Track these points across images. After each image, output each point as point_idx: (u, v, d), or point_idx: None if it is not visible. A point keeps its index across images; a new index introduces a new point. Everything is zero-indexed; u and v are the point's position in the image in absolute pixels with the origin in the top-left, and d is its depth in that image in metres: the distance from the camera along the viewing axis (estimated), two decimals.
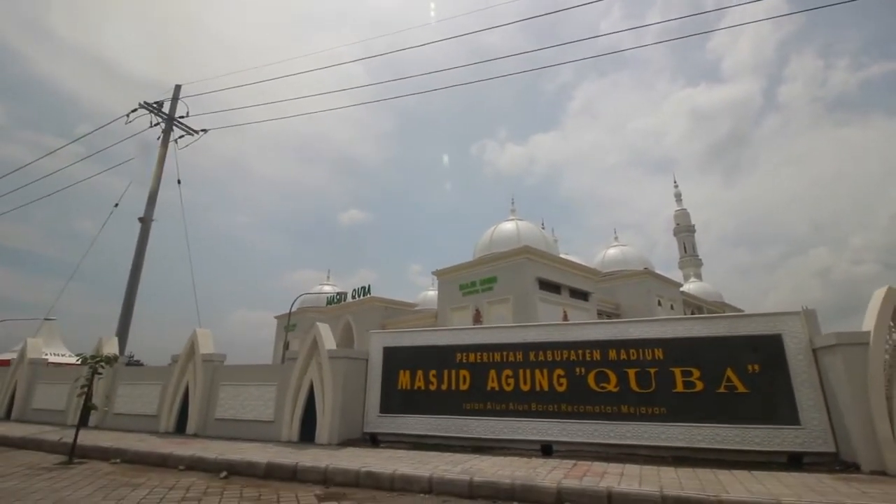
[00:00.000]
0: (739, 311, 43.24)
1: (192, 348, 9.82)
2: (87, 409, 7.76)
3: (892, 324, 5.29)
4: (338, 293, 34.73)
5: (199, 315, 13.82)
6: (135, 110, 13.76)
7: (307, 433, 7.90)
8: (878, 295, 5.41)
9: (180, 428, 9.27)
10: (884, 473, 4.82)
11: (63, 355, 23.72)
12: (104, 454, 7.17)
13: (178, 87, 14.61)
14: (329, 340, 8.32)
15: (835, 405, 5.50)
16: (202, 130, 14.56)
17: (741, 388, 5.97)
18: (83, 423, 9.09)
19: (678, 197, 57.52)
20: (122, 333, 12.31)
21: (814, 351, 5.82)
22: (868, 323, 5.37)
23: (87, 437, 8.10)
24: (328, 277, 45.66)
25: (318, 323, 8.46)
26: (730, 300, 43.51)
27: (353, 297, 33.50)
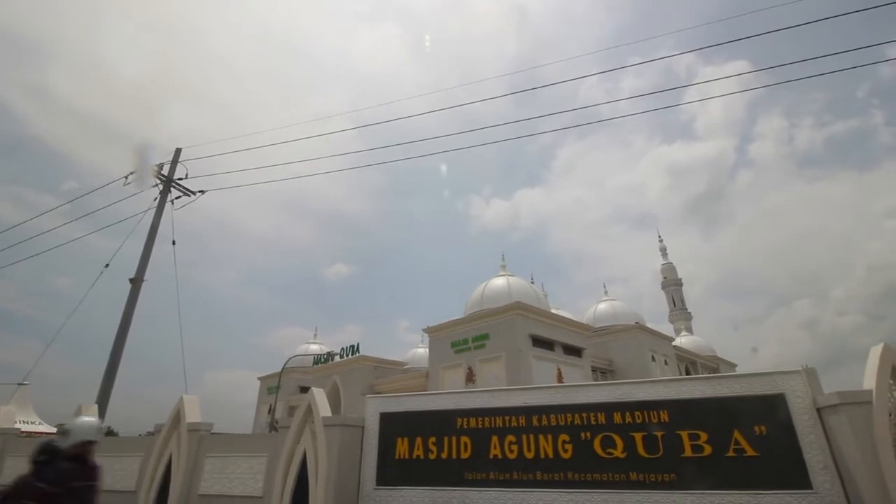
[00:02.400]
0: (733, 365, 42.96)
1: (177, 416, 9.40)
2: None
3: (891, 381, 5.36)
4: (326, 353, 33.88)
5: (186, 380, 13.28)
6: (133, 172, 13.98)
7: None
8: (875, 353, 5.51)
9: None
10: None
11: (35, 423, 22.37)
12: None
13: (178, 151, 14.97)
14: (324, 407, 8.06)
15: (845, 467, 5.43)
16: (199, 192, 14.78)
17: (750, 451, 5.88)
18: None
19: (664, 251, 58.69)
20: (103, 400, 11.75)
21: (818, 410, 5.82)
22: (869, 381, 5.43)
23: None
24: (315, 336, 44.66)
25: (313, 389, 8.22)
26: (722, 354, 43.35)
27: (341, 356, 32.68)
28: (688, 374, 35.14)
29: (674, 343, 36.43)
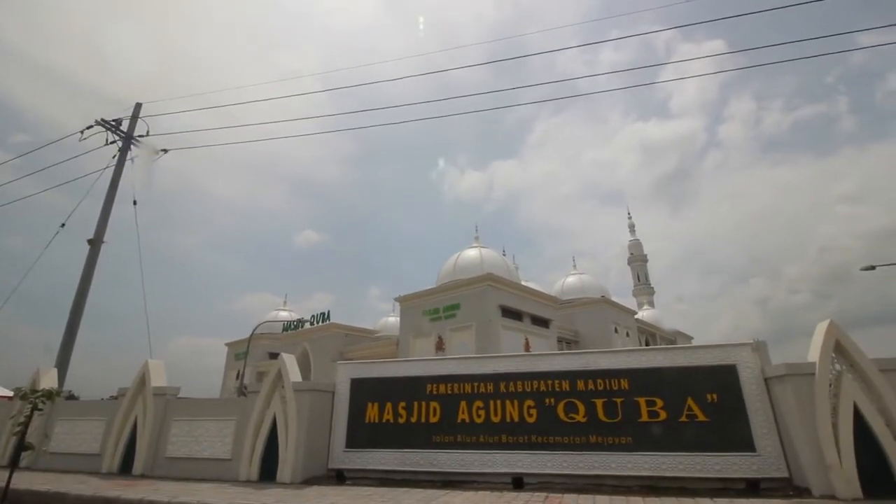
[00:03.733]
0: (690, 338, 45.14)
1: (142, 380, 9.26)
2: (21, 448, 7.11)
3: (833, 355, 5.75)
4: (296, 320, 33.71)
5: (150, 345, 13.02)
6: (90, 127, 13.19)
7: (268, 471, 7.56)
8: (821, 328, 5.88)
9: (126, 468, 8.63)
10: (833, 497, 5.16)
11: None
12: (41, 499, 6.58)
13: (138, 106, 14.16)
14: (295, 373, 8.09)
15: (786, 432, 5.87)
16: (162, 151, 14.11)
17: (701, 417, 6.27)
18: (15, 464, 8.29)
19: (632, 228, 60.21)
20: (63, 364, 11.44)
21: (765, 380, 6.23)
22: (813, 354, 5.82)
23: (21, 480, 7.39)
24: (285, 302, 44.33)
25: (283, 354, 8.23)
26: (682, 328, 45.46)
27: (312, 323, 32.60)
28: (647, 345, 36.73)
29: (636, 316, 37.88)
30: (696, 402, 6.34)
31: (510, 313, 25.20)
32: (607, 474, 6.35)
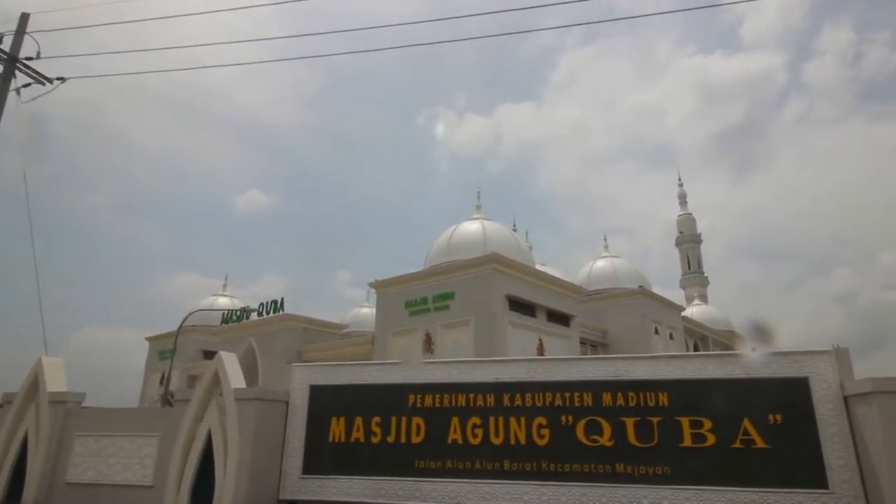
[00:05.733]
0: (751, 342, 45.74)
1: (34, 384, 9.27)
2: None
3: None
4: (239, 309, 33.69)
5: (45, 338, 12.97)
6: None
7: (201, 502, 7.66)
8: None
9: (13, 496, 8.71)
10: None
11: None
12: None
13: (24, 17, 13.77)
14: (237, 377, 8.12)
15: (868, 464, 6.01)
16: (58, 79, 13.78)
17: (760, 443, 6.41)
18: None
19: (682, 198, 59.83)
20: None
21: (845, 399, 6.34)
22: None
23: None
24: (224, 286, 44.12)
25: (222, 353, 8.26)
26: (740, 329, 45.89)
27: (260, 313, 32.49)
28: (696, 350, 37.22)
29: (683, 313, 38.22)
30: (755, 423, 6.47)
31: (520, 306, 25.31)
32: None
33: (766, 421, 6.47)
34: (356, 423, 7.86)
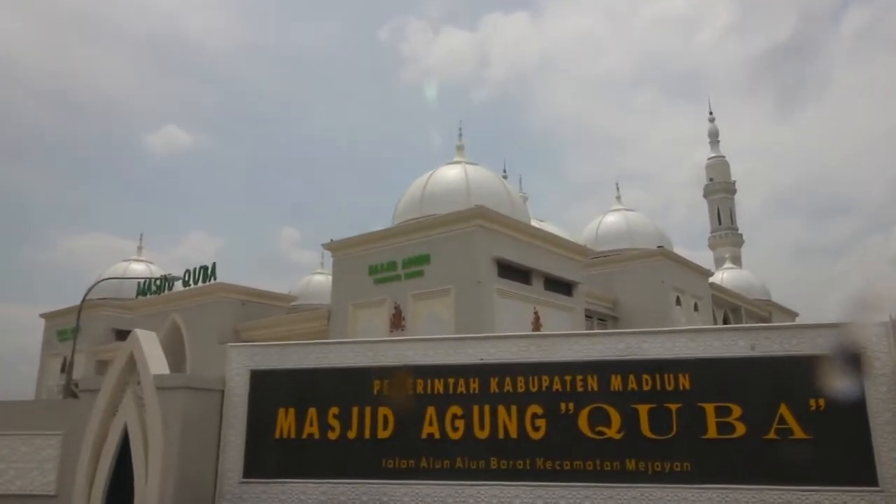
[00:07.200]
0: (793, 314, 46.37)
1: None
2: None
3: None
4: (159, 277, 33.25)
5: None
6: None
7: None
8: None
9: None
10: None
11: None
12: None
13: None
14: (158, 361, 8.01)
15: None
16: None
17: (799, 433, 6.51)
18: None
19: (713, 137, 59.43)
20: None
21: None
22: None
23: None
24: (139, 249, 43.52)
25: (138, 331, 8.12)
26: (779, 298, 46.32)
27: (186, 283, 32.21)
28: (725, 324, 37.58)
29: (712, 279, 38.60)
30: (793, 410, 6.56)
31: (512, 271, 25.35)
32: None
33: (806, 407, 6.56)
34: (309, 416, 7.83)
